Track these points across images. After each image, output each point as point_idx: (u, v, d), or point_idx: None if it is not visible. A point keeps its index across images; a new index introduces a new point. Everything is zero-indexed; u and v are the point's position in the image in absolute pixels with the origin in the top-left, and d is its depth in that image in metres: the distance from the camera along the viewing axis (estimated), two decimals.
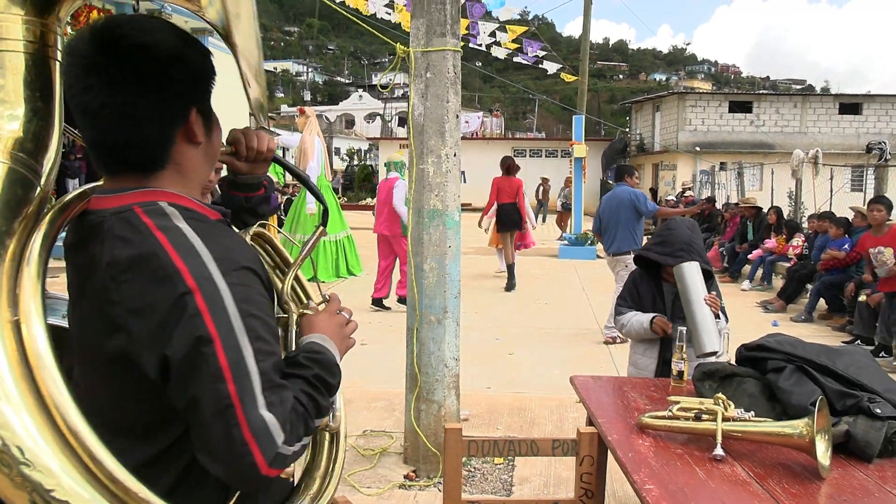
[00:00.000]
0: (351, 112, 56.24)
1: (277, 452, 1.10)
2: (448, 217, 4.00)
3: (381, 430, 4.65)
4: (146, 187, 1.21)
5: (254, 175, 1.55)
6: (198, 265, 1.11)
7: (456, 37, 4.03)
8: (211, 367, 1.08)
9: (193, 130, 1.24)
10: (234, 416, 1.07)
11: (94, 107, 1.16)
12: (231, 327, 1.10)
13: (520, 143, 36.47)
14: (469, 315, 6.09)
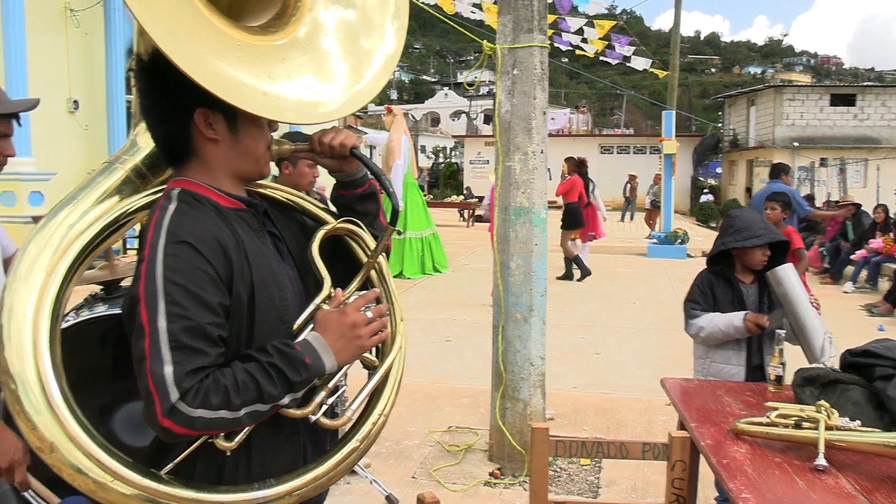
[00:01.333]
0: (436, 110, 56.60)
1: (173, 406, 1.22)
2: (534, 214, 3.97)
3: (467, 427, 4.66)
4: (178, 176, 1.45)
5: (344, 172, 1.63)
6: (156, 237, 1.31)
7: (543, 32, 3.99)
8: (137, 324, 1.26)
9: (202, 129, 1.41)
10: (144, 368, 1.23)
11: (140, 111, 1.46)
12: (155, 291, 1.26)
13: (607, 140, 35.85)
14: (554, 313, 6.02)
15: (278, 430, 1.42)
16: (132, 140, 1.59)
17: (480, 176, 31.30)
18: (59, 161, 11.74)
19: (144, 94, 1.43)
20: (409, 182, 10.88)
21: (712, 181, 32.51)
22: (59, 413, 1.29)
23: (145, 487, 1.28)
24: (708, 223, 24.42)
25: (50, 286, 1.38)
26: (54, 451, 1.28)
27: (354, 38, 1.58)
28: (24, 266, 1.39)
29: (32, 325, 1.34)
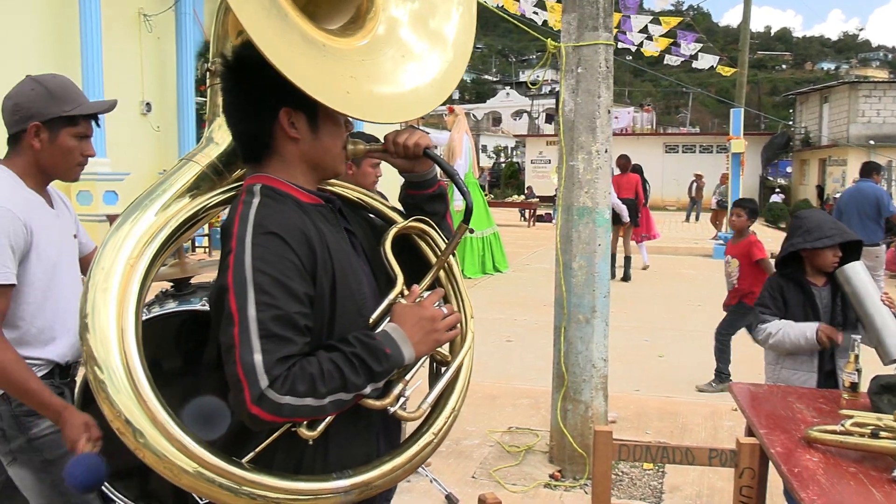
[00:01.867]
0: (498, 109, 56.48)
1: (262, 393, 1.24)
2: (598, 214, 3.92)
3: (527, 428, 4.64)
4: (256, 173, 1.49)
5: (416, 173, 1.66)
6: (242, 229, 1.35)
7: (608, 30, 3.93)
8: (226, 312, 1.29)
9: (286, 127, 1.44)
10: (234, 355, 1.26)
11: (223, 109, 1.52)
12: (244, 280, 1.29)
13: (672, 139, 35.16)
14: (616, 314, 5.93)
15: (355, 422, 1.44)
16: (208, 137, 1.64)
17: (542, 175, 31.14)
18: (133, 161, 12.16)
19: (228, 93, 1.47)
20: (471, 182, 10.88)
21: (782, 181, 31.52)
22: (146, 399, 1.32)
23: (231, 474, 1.30)
24: (777, 224, 23.69)
25: (133, 279, 1.42)
26: (140, 437, 1.31)
27: (428, 28, 1.61)
28: (106, 259, 1.44)
29: (117, 315, 1.38)
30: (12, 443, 2.07)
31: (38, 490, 2.12)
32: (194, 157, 1.60)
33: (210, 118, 1.66)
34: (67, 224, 2.27)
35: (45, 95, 2.08)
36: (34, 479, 2.10)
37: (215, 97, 1.64)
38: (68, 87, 2.15)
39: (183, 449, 1.30)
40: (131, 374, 1.34)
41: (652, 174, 28.10)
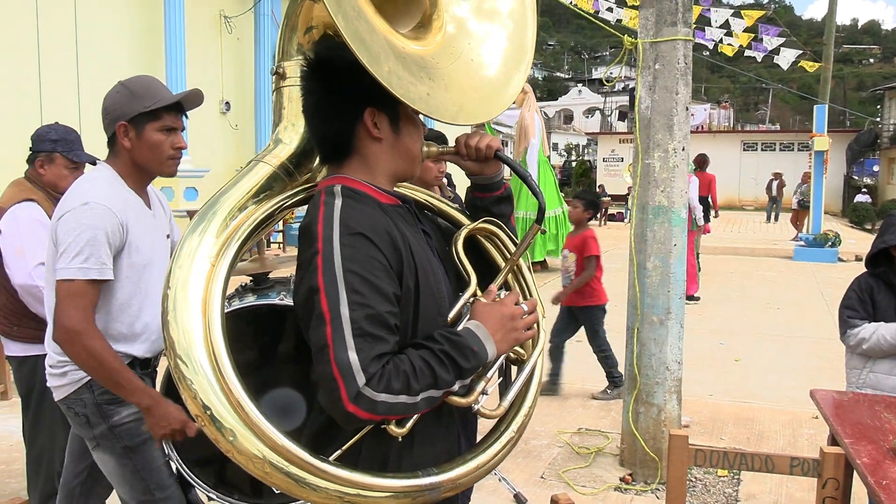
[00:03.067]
0: (570, 107, 55.94)
1: (359, 391, 1.24)
2: (674, 214, 3.83)
3: (597, 430, 4.58)
4: (336, 173, 1.49)
5: (485, 175, 1.66)
6: (328, 230, 1.35)
7: (687, 25, 3.84)
8: (317, 312, 1.30)
9: (370, 127, 1.45)
10: (327, 355, 1.26)
11: (303, 110, 1.51)
12: (335, 280, 1.30)
13: (750, 136, 34.11)
14: (691, 316, 5.77)
15: (438, 420, 1.45)
16: (276, 139, 1.65)
17: (614, 174, 30.66)
18: (212, 159, 12.56)
19: (311, 94, 1.46)
20: (542, 160, 10.67)
21: (868, 180, 30.17)
22: (237, 398, 1.32)
23: (324, 472, 1.30)
24: (863, 225, 22.70)
25: (216, 278, 1.44)
26: (231, 436, 1.31)
27: (494, 25, 1.63)
28: (185, 259, 1.45)
29: (203, 314, 1.39)
30: (95, 429, 2.17)
31: (119, 474, 2.21)
32: (264, 159, 1.62)
33: (276, 120, 1.67)
34: (162, 224, 2.36)
35: (127, 95, 2.17)
36: (116, 463, 2.19)
37: (282, 99, 1.65)
38: (149, 84, 2.22)
39: (276, 447, 1.29)
40: (221, 373, 1.34)
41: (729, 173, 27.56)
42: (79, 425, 2.21)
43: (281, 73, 1.63)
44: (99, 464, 2.24)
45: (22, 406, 3.10)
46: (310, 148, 1.62)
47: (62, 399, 2.19)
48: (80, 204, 2.06)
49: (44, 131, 3.05)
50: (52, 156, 3.03)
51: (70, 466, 2.41)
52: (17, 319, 2.97)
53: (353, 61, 1.32)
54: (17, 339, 2.99)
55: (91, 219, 2.03)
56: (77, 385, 2.15)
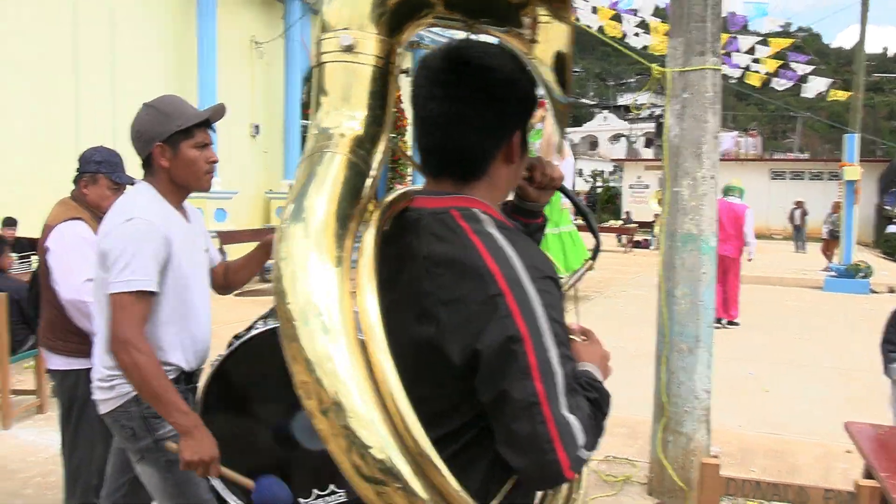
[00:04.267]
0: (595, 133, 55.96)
1: (577, 455, 1.15)
2: (703, 242, 3.82)
3: (624, 458, 4.54)
4: (462, 194, 1.32)
5: (538, 203, 1.61)
6: (509, 270, 1.18)
7: (716, 55, 3.86)
8: (520, 364, 1.13)
9: (513, 150, 1.34)
10: (540, 413, 1.13)
11: (434, 114, 1.29)
12: (539, 329, 1.15)
13: (779, 165, 33.82)
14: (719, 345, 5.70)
15: None
16: (333, 123, 1.37)
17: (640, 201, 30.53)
18: (241, 181, 12.75)
19: (455, 100, 1.28)
20: None
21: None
22: (428, 457, 1.13)
23: None
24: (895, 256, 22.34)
25: (365, 301, 1.21)
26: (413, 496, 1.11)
27: None
28: (304, 286, 1.20)
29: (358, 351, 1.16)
30: (141, 442, 2.21)
31: (161, 488, 2.24)
32: (334, 149, 1.34)
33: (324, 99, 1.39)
34: (199, 239, 2.42)
35: (158, 116, 2.24)
36: (159, 477, 2.23)
37: (336, 75, 1.37)
38: (176, 103, 2.30)
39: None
40: (409, 430, 1.12)
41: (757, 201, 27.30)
42: (124, 438, 2.25)
43: (351, 47, 1.36)
44: (142, 477, 2.28)
45: (62, 419, 3.16)
46: (376, 139, 1.38)
47: (109, 412, 2.24)
48: (124, 220, 2.13)
49: (89, 153, 3.16)
50: (96, 177, 3.13)
51: (112, 479, 2.46)
52: (62, 334, 3.04)
53: (517, 74, 1.29)
54: (61, 352, 3.05)
55: (135, 233, 2.09)
56: (124, 398, 2.19)
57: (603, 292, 12.34)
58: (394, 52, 1.40)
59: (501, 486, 1.26)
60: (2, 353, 4.94)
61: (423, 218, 1.29)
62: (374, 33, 1.37)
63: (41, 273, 3.18)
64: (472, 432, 1.24)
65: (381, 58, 1.38)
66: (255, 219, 13.91)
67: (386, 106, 1.41)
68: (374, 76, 1.38)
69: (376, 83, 1.38)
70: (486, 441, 1.22)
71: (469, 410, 1.23)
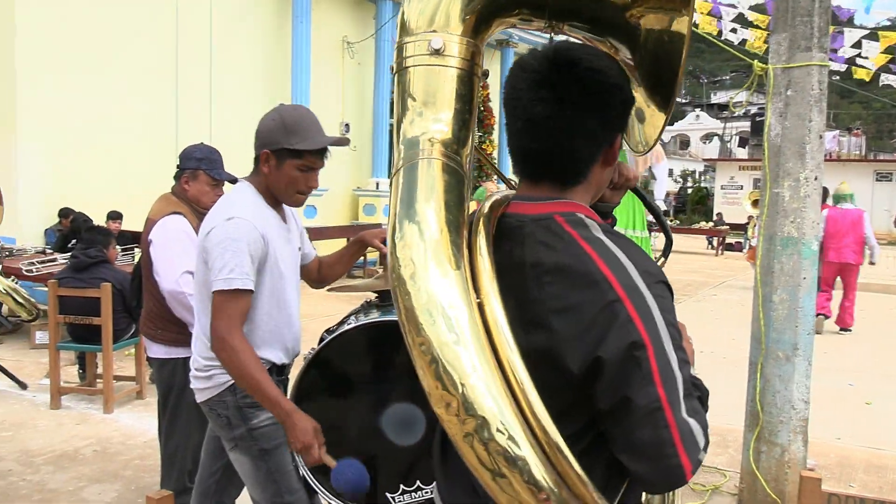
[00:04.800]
0: (686, 132, 54.45)
1: (698, 458, 1.15)
2: (805, 245, 3.67)
3: (713, 467, 4.41)
4: (563, 199, 1.30)
5: (610, 203, 1.60)
6: (625, 276, 1.18)
7: (823, 50, 3.69)
8: (643, 371, 1.13)
9: (614, 154, 1.33)
10: (663, 419, 1.13)
11: (541, 117, 1.25)
12: (659, 335, 1.15)
13: (884, 166, 32.03)
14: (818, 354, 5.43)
15: None
16: (419, 128, 1.37)
17: (733, 202, 29.49)
18: (331, 178, 13.02)
19: (566, 103, 1.25)
20: None
21: None
22: (573, 464, 1.13)
23: None
24: None
25: (492, 312, 1.20)
26: None
27: None
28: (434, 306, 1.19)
29: (489, 358, 1.16)
30: (235, 430, 2.29)
31: (254, 476, 2.32)
32: (429, 156, 1.34)
33: (410, 105, 1.38)
34: (295, 237, 2.49)
35: (280, 127, 2.26)
36: (252, 465, 2.31)
37: (425, 80, 1.38)
38: (303, 120, 2.29)
39: None
40: (552, 442, 1.12)
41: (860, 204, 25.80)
42: (219, 426, 2.34)
43: (439, 49, 1.36)
44: (235, 464, 2.36)
45: (160, 405, 3.31)
46: (465, 142, 1.38)
47: (205, 401, 2.33)
48: (224, 219, 2.20)
49: (190, 150, 3.28)
50: (196, 173, 3.25)
51: (206, 464, 2.56)
52: (162, 324, 3.18)
53: (622, 79, 1.29)
54: (161, 341, 3.20)
55: (236, 232, 2.16)
56: (221, 388, 2.28)
57: (692, 295, 12.01)
58: (478, 53, 1.41)
59: (616, 494, 1.26)
60: (106, 341, 5.21)
61: (525, 225, 1.28)
62: (459, 34, 1.37)
63: (143, 265, 3.33)
64: (587, 440, 1.23)
65: (467, 59, 1.38)
66: (343, 216, 14.20)
67: (472, 109, 1.41)
68: (462, 78, 1.38)
69: (463, 85, 1.39)
70: (599, 447, 1.22)
71: (580, 418, 1.23)
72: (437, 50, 1.35)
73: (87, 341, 5.45)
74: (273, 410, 2.13)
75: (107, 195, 9.36)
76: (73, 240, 7.33)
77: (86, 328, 5.34)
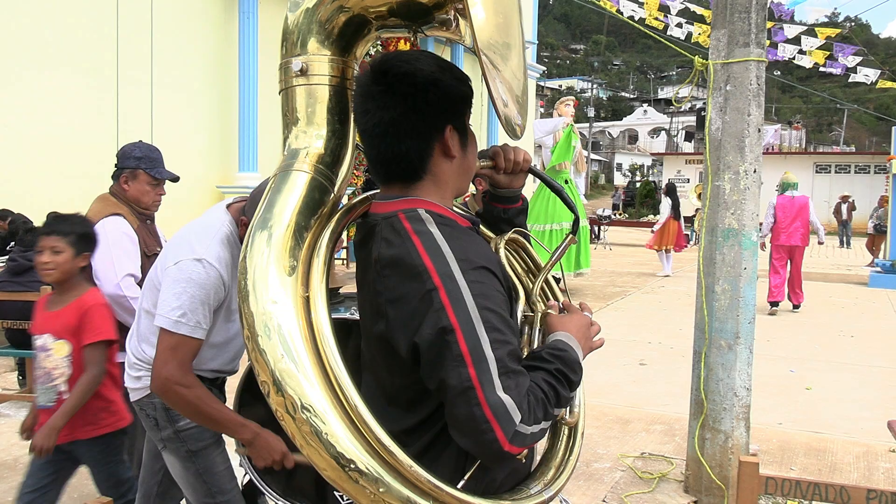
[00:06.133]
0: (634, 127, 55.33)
1: (516, 430, 1.22)
2: (744, 237, 3.76)
3: (660, 455, 4.50)
4: (408, 196, 1.41)
5: (512, 188, 1.67)
6: (442, 265, 1.28)
7: (760, 46, 3.79)
8: (453, 353, 1.23)
9: (448, 146, 1.40)
10: (474, 397, 1.21)
11: (369, 126, 1.38)
12: (470, 319, 1.24)
13: (823, 158, 33.09)
14: (760, 342, 5.59)
15: None
16: (300, 143, 1.54)
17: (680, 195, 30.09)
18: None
19: (385, 109, 1.35)
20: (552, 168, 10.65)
21: None
22: (379, 436, 1.26)
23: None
24: None
25: (315, 306, 1.36)
26: (382, 486, 1.23)
27: None
28: (262, 293, 1.35)
29: (307, 346, 1.32)
30: (163, 431, 2.28)
31: (183, 476, 2.30)
32: (296, 167, 1.50)
33: (292, 121, 1.53)
34: None
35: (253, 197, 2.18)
36: (181, 466, 2.30)
37: (296, 98, 1.53)
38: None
39: (430, 490, 1.26)
40: (359, 419, 1.26)
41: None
42: (149, 427, 2.33)
43: (303, 70, 1.49)
44: (167, 465, 2.35)
45: None
46: (338, 153, 1.53)
47: (136, 401, 2.31)
48: (193, 258, 2.11)
49: (129, 149, 3.19)
50: (136, 172, 3.16)
51: (148, 465, 2.53)
52: None
53: (437, 75, 1.35)
54: None
55: (200, 279, 2.09)
56: (149, 390, 2.25)
57: (641, 287, 12.22)
58: (349, 69, 1.55)
59: (474, 464, 1.35)
60: None
61: (378, 224, 1.39)
62: (326, 55, 1.51)
63: None
64: (442, 421, 1.31)
65: (336, 77, 1.52)
66: None
67: (346, 121, 1.55)
68: (331, 94, 1.52)
69: (333, 101, 1.53)
70: None
71: (432, 402, 1.34)
72: (301, 70, 1.49)
73: (27, 346, 5.28)
74: (237, 436, 2.14)
75: (46, 196, 9.08)
76: (11, 242, 7.10)
77: (25, 333, 5.18)
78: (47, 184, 9.40)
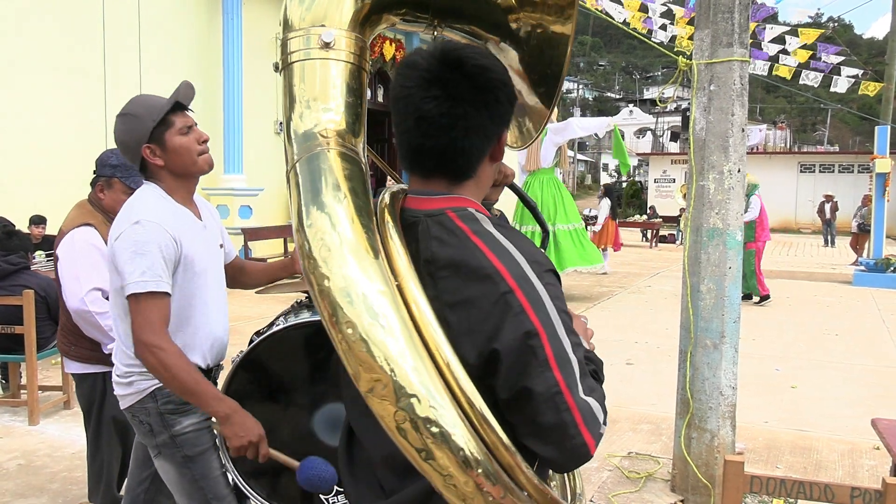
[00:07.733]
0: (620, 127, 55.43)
1: (600, 432, 1.21)
2: (729, 236, 3.78)
3: (647, 454, 4.51)
4: (454, 194, 1.33)
5: (489, 200, 1.63)
6: (515, 267, 1.21)
7: (744, 46, 3.81)
8: (539, 358, 1.17)
9: (501, 149, 1.37)
10: (563, 402, 1.17)
11: (433, 114, 1.26)
12: (551, 322, 1.19)
13: (808, 158, 33.30)
14: (746, 341, 5.61)
15: None
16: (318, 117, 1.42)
17: (666, 195, 30.29)
18: (266, 178, 12.82)
19: (458, 100, 1.26)
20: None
21: None
22: (502, 437, 1.18)
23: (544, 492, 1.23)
24: None
25: (410, 294, 1.22)
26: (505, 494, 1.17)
27: None
28: (354, 293, 1.20)
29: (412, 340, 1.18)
30: (158, 437, 2.23)
31: (179, 483, 2.26)
32: (328, 146, 1.37)
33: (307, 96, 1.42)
34: (214, 234, 2.39)
35: (133, 121, 2.20)
36: (176, 472, 2.25)
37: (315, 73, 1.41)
38: (144, 101, 2.26)
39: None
40: (480, 416, 1.16)
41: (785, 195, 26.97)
42: (142, 433, 2.28)
43: (329, 42, 1.39)
44: (160, 472, 2.30)
45: (84, 420, 3.20)
46: (355, 128, 1.43)
47: (127, 408, 2.26)
48: (131, 224, 2.10)
49: (105, 156, 3.09)
50: (111, 181, 3.07)
51: (135, 473, 2.49)
52: (75, 339, 3.05)
53: (507, 76, 1.31)
54: (75, 358, 3.08)
55: (144, 235, 2.07)
56: (142, 395, 2.22)
57: (628, 287, 12.27)
58: (366, 49, 1.45)
59: None
60: (30, 350, 5.00)
61: (420, 221, 1.30)
62: (347, 29, 1.41)
63: (56, 279, 3.15)
64: None
65: (356, 54, 1.42)
66: (279, 215, 13.99)
67: (363, 103, 1.44)
68: (352, 72, 1.42)
69: (354, 79, 1.42)
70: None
71: None
72: (327, 43, 1.37)
73: (10, 351, 5.23)
74: (211, 410, 2.06)
75: (30, 199, 9.00)
76: None
77: (8, 337, 5.12)
78: (31, 187, 9.32)
